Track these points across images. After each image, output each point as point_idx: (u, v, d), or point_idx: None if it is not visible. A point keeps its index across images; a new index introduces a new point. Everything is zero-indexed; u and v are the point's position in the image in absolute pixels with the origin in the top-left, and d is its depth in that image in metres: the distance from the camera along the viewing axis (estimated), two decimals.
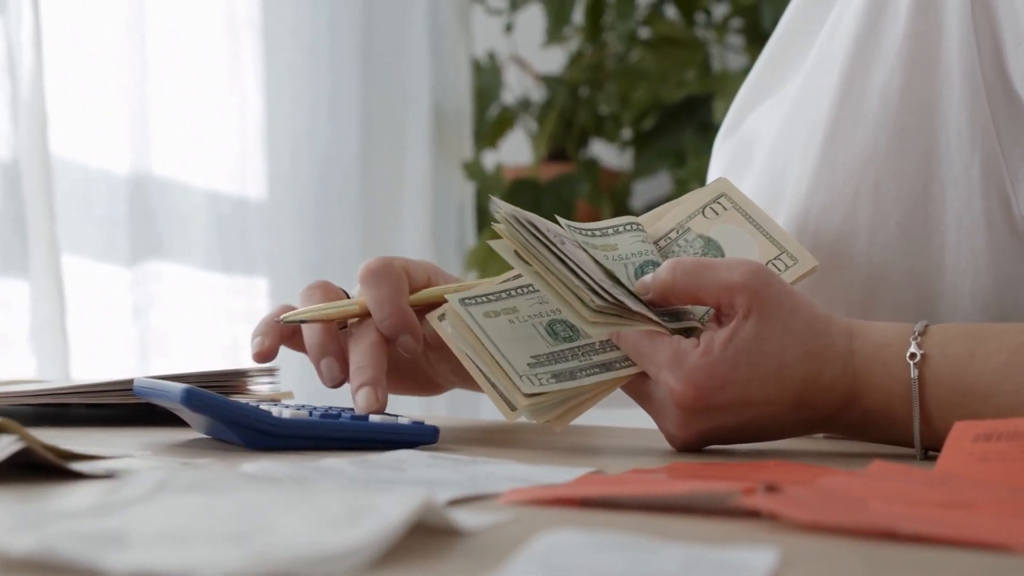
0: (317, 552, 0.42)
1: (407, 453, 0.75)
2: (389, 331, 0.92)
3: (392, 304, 0.92)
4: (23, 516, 0.45)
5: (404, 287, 0.94)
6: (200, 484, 0.50)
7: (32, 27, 1.50)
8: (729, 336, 0.82)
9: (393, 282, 0.94)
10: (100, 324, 1.70)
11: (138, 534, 0.44)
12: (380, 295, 0.93)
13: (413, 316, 0.93)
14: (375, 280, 0.94)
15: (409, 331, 0.92)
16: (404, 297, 0.93)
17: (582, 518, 0.56)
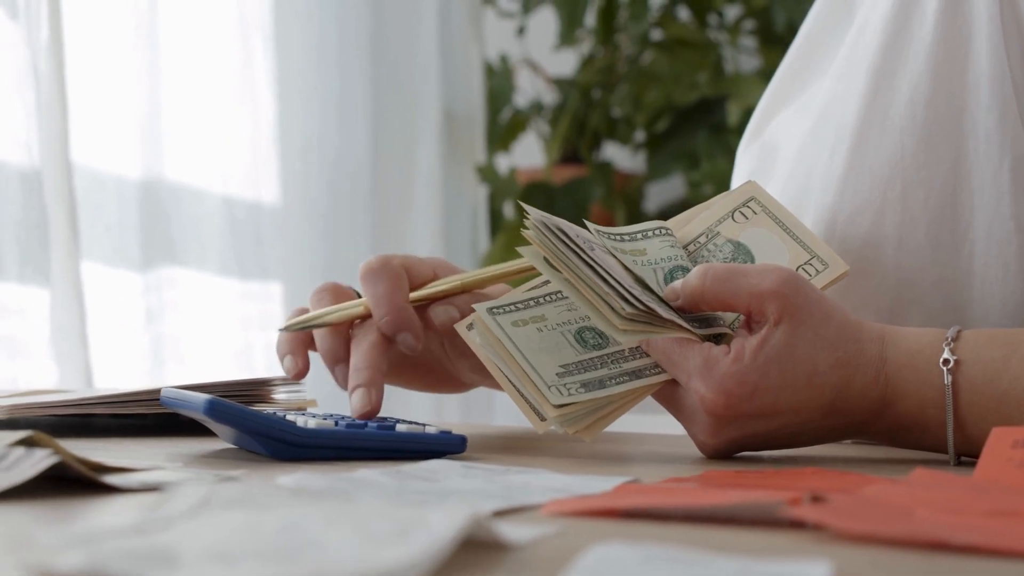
0: (369, 569, 0.41)
1: (439, 463, 0.74)
2: (387, 329, 0.92)
3: (389, 302, 0.93)
4: (68, 533, 0.44)
5: (403, 284, 0.94)
6: (244, 499, 0.49)
7: (49, 33, 1.50)
8: (760, 343, 0.81)
9: (391, 280, 0.94)
10: (115, 330, 1.69)
11: (186, 552, 0.43)
12: (377, 293, 0.93)
13: (411, 313, 0.93)
14: (373, 278, 0.94)
15: (408, 328, 0.92)
16: (402, 294, 0.93)
17: (627, 530, 0.56)
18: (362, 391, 0.90)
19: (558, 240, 0.83)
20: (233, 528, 0.46)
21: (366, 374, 0.90)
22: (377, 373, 0.91)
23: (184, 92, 1.83)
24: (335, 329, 0.94)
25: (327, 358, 0.94)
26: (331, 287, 0.97)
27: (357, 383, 0.90)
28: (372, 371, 0.91)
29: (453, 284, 0.95)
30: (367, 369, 0.91)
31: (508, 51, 2.54)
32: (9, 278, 1.45)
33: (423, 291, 0.95)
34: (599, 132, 2.50)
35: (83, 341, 1.54)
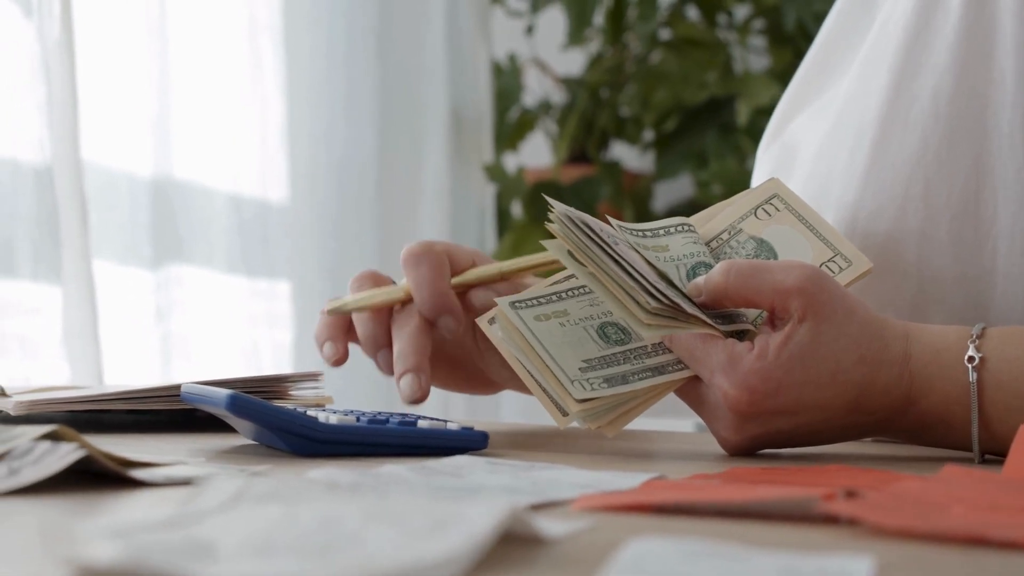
0: (409, 563, 0.41)
1: (464, 459, 0.73)
2: (429, 312, 0.92)
3: (431, 286, 0.92)
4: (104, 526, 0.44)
5: (445, 269, 0.94)
6: (276, 494, 0.49)
7: (61, 30, 1.50)
8: (784, 340, 0.81)
9: (433, 264, 0.93)
10: (125, 328, 1.69)
11: (224, 545, 0.43)
12: (420, 277, 0.93)
13: (453, 297, 0.93)
14: (415, 262, 0.94)
15: (449, 312, 0.92)
16: (444, 279, 0.93)
17: (660, 525, 0.55)
18: (411, 376, 0.89)
19: (583, 234, 0.83)
20: (268, 522, 0.45)
21: (413, 359, 0.90)
22: (424, 358, 0.90)
23: (193, 91, 1.82)
24: (376, 315, 0.94)
25: (368, 344, 0.94)
26: (370, 274, 0.96)
27: (405, 368, 0.90)
28: (419, 356, 0.90)
29: (492, 272, 0.95)
30: (414, 354, 0.90)
31: (516, 50, 2.54)
32: (22, 276, 1.45)
33: (463, 277, 0.95)
34: (607, 131, 2.49)
35: (94, 339, 1.53)
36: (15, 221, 1.44)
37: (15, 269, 1.44)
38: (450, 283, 0.93)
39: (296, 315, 2.02)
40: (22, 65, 1.46)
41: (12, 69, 1.46)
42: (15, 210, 1.44)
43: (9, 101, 1.45)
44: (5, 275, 1.43)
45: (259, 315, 1.95)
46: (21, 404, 0.91)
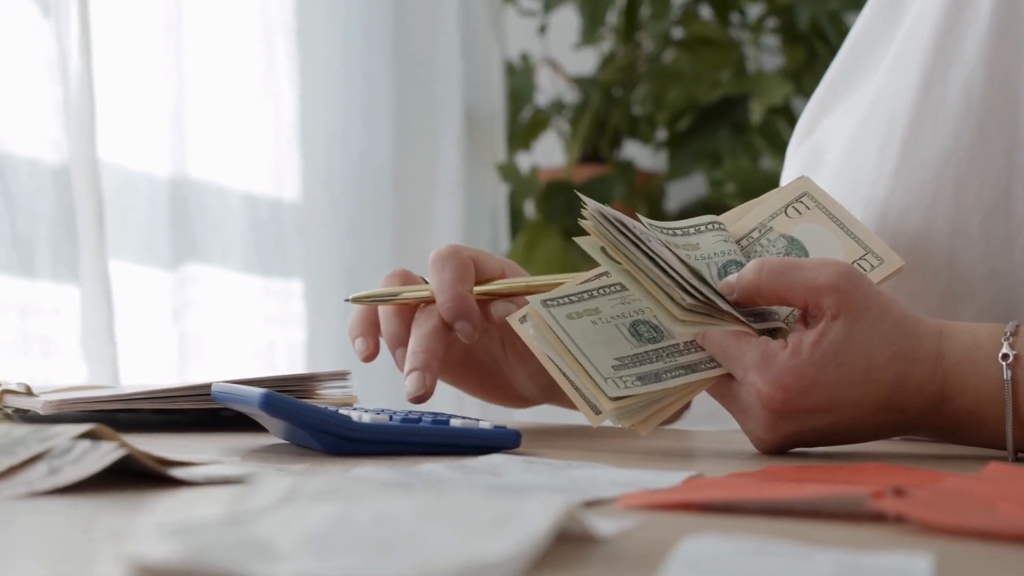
0: (471, 561, 0.41)
1: (501, 457, 0.73)
2: (447, 315, 0.92)
3: (452, 289, 0.93)
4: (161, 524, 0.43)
5: (469, 274, 0.94)
6: (329, 492, 0.49)
7: (79, 30, 1.49)
8: (817, 338, 0.81)
9: (458, 268, 0.94)
10: (141, 327, 1.68)
11: (282, 543, 0.43)
12: (443, 280, 0.93)
13: (472, 302, 0.93)
14: (440, 265, 0.94)
15: (466, 317, 0.92)
16: (466, 284, 0.93)
17: (708, 523, 0.55)
18: (416, 375, 0.90)
19: (617, 231, 0.82)
20: (325, 520, 0.45)
21: (422, 358, 0.90)
22: (433, 358, 0.90)
23: (208, 90, 1.82)
24: (399, 313, 0.94)
25: (390, 341, 0.94)
26: (401, 272, 0.97)
27: (412, 366, 0.90)
28: (428, 355, 0.90)
29: (518, 285, 0.94)
30: (423, 353, 0.90)
31: (528, 50, 2.53)
32: (42, 276, 1.44)
33: (488, 286, 0.94)
34: (620, 131, 2.49)
35: (111, 339, 1.53)
36: (34, 221, 1.44)
37: (34, 269, 1.44)
38: (472, 289, 0.93)
39: (310, 315, 2.02)
40: (40, 64, 1.46)
41: (30, 68, 1.45)
42: (33, 210, 1.44)
43: (28, 100, 1.45)
44: (25, 275, 1.43)
45: (273, 315, 1.95)
46: (50, 403, 0.91)
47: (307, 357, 1.98)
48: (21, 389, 0.97)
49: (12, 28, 1.44)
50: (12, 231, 1.41)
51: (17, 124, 1.43)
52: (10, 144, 1.43)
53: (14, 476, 0.61)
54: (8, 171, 1.42)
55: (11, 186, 1.41)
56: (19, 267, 1.42)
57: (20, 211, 1.43)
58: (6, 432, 0.65)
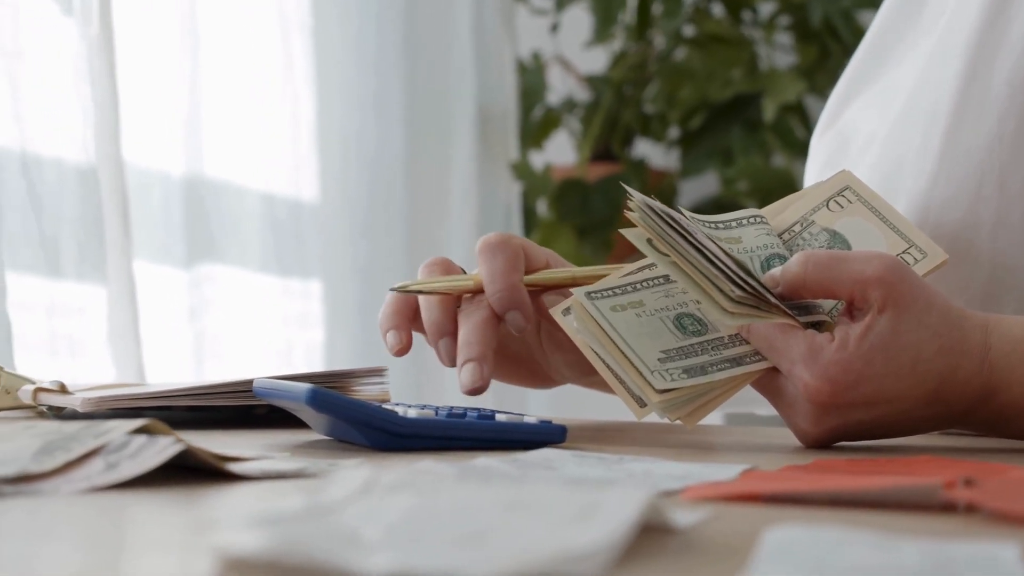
0: (561, 552, 0.40)
1: (552, 452, 0.73)
2: (498, 305, 0.91)
3: (504, 279, 0.91)
4: (248, 517, 0.43)
5: (520, 264, 0.93)
6: (406, 484, 0.48)
7: (100, 28, 1.49)
8: (864, 331, 0.80)
9: (509, 257, 0.92)
10: (159, 327, 1.68)
11: (369, 535, 0.42)
12: (494, 268, 0.92)
13: (524, 293, 0.92)
14: (491, 253, 0.92)
15: (518, 308, 0.91)
16: (518, 273, 0.92)
17: (778, 514, 0.54)
18: (473, 365, 0.88)
19: (664, 222, 0.82)
20: (407, 511, 0.45)
21: (477, 348, 0.89)
22: (488, 349, 0.89)
23: (225, 89, 1.81)
24: (443, 302, 0.93)
25: (432, 331, 0.92)
26: (441, 261, 0.95)
27: (468, 357, 0.89)
28: (483, 346, 0.89)
29: (564, 276, 0.93)
30: (478, 344, 0.89)
31: (538, 48, 2.53)
32: (68, 276, 1.44)
33: (535, 276, 0.93)
34: (631, 129, 2.48)
35: (135, 338, 1.53)
36: (60, 221, 1.43)
37: (61, 269, 1.43)
38: (523, 278, 0.92)
39: (327, 314, 2.01)
40: (66, 63, 1.46)
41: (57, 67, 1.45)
42: (60, 210, 1.43)
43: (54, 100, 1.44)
44: (52, 275, 1.42)
45: (291, 315, 1.95)
46: (89, 401, 0.90)
47: (325, 357, 1.97)
48: (55, 387, 0.96)
49: (36, 26, 1.44)
50: (39, 231, 1.41)
51: (43, 124, 1.43)
52: (36, 144, 1.42)
53: (71, 471, 0.60)
54: (35, 171, 1.41)
55: (38, 186, 1.41)
56: (46, 267, 1.41)
57: (47, 211, 1.42)
58: (58, 428, 0.65)
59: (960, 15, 0.98)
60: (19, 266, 1.39)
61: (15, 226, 1.39)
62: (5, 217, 1.36)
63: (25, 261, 1.41)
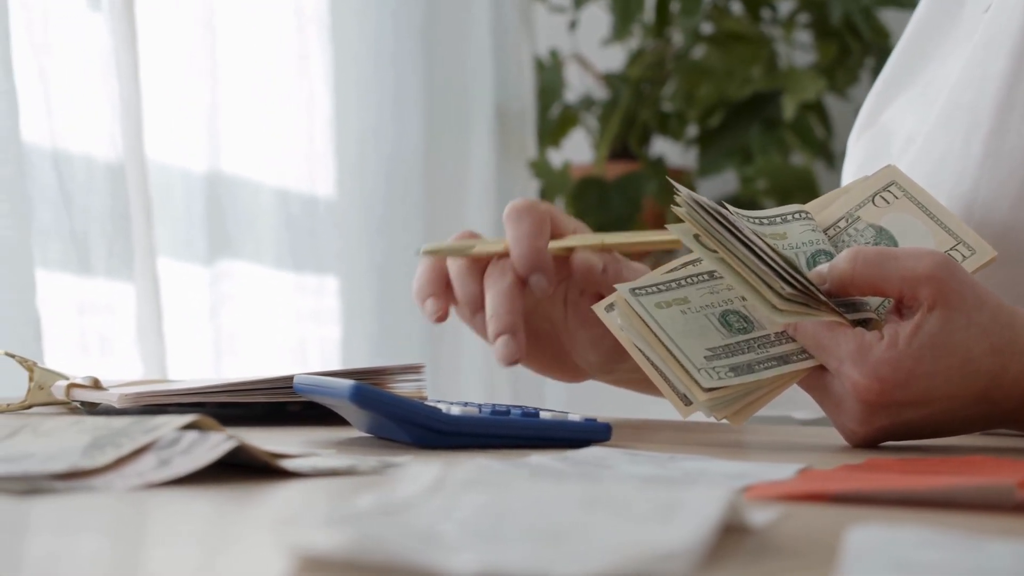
0: (651, 552, 0.39)
1: (603, 450, 0.72)
2: (522, 267, 0.91)
3: (529, 241, 0.91)
4: (325, 514, 0.42)
5: (545, 228, 0.93)
6: (477, 481, 0.47)
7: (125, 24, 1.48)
8: (914, 329, 0.79)
9: (535, 221, 0.92)
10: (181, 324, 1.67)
11: (447, 532, 0.41)
12: (519, 231, 0.92)
13: (548, 257, 0.92)
14: (517, 217, 0.93)
15: (542, 270, 0.91)
16: (544, 237, 0.92)
17: (848, 514, 0.53)
18: (507, 338, 0.88)
19: (711, 218, 0.81)
20: (482, 509, 0.44)
21: (508, 319, 0.88)
22: (518, 317, 0.89)
23: (243, 85, 1.80)
24: (474, 272, 0.93)
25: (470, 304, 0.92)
26: (471, 233, 0.95)
27: (500, 328, 0.88)
28: (513, 315, 0.88)
29: (593, 242, 0.93)
30: (508, 314, 0.88)
31: (555, 46, 2.52)
32: (97, 273, 1.43)
33: (563, 242, 0.93)
34: (649, 127, 2.47)
35: (159, 336, 1.52)
36: (89, 218, 1.43)
37: (90, 266, 1.42)
38: (548, 243, 0.92)
39: (344, 311, 2.00)
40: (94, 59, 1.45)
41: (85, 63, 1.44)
42: (89, 207, 1.42)
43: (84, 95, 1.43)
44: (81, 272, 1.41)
45: (306, 311, 1.94)
46: (126, 397, 0.89)
47: (342, 354, 1.96)
48: (88, 383, 0.95)
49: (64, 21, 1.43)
50: (70, 227, 1.40)
51: (73, 119, 1.42)
52: (66, 140, 1.41)
53: (123, 467, 0.59)
54: (64, 167, 1.40)
55: (67, 183, 1.40)
56: (76, 264, 1.41)
57: (76, 208, 1.41)
58: (106, 423, 0.64)
59: (1003, 13, 0.96)
60: (49, 263, 1.38)
61: (46, 222, 1.38)
62: (36, 213, 1.36)
63: (55, 257, 1.40)
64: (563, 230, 0.94)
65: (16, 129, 1.33)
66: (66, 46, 1.42)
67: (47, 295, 1.35)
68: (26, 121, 1.35)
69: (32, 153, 1.36)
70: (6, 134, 1.32)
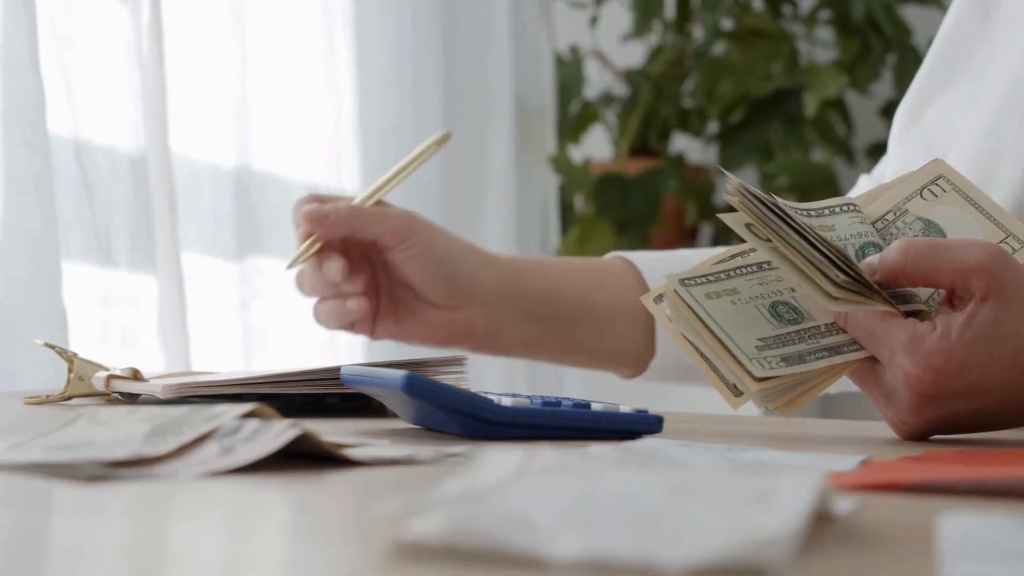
0: (752, 537, 0.39)
1: (660, 441, 0.71)
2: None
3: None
4: (415, 501, 0.41)
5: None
6: (560, 467, 0.46)
7: (150, 16, 1.47)
8: (967, 320, 0.78)
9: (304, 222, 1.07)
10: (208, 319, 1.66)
11: (539, 517, 0.40)
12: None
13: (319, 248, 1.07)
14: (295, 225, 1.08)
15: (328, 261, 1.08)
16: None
17: (925, 503, 0.53)
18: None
19: (765, 207, 0.80)
20: (574, 495, 0.43)
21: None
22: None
23: (270, 80, 1.80)
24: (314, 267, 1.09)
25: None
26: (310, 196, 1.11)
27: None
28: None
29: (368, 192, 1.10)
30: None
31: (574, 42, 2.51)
32: (120, 265, 1.42)
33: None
34: (669, 123, 2.46)
35: (183, 330, 1.51)
36: (112, 210, 1.42)
37: (113, 258, 1.42)
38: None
39: None
40: (119, 51, 1.44)
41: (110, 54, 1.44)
42: (111, 198, 1.42)
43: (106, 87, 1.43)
44: (104, 264, 1.41)
45: None
46: (170, 388, 0.89)
47: (368, 350, 1.95)
48: (127, 374, 0.95)
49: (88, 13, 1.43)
50: (92, 219, 1.39)
51: (97, 111, 1.42)
52: (89, 131, 1.41)
53: (186, 455, 0.59)
54: (88, 159, 1.40)
55: (90, 174, 1.39)
56: (99, 256, 1.40)
57: (99, 199, 1.41)
58: (163, 412, 0.63)
59: None
60: (72, 254, 1.38)
61: (68, 214, 1.38)
62: (59, 205, 1.35)
63: (78, 249, 1.40)
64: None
65: (43, 122, 1.32)
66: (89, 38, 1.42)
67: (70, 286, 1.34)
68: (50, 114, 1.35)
69: (55, 145, 1.36)
70: (34, 128, 1.31)
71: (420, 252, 1.05)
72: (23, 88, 1.30)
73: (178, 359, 1.49)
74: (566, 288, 1.13)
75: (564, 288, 1.13)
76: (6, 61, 1.29)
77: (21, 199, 1.29)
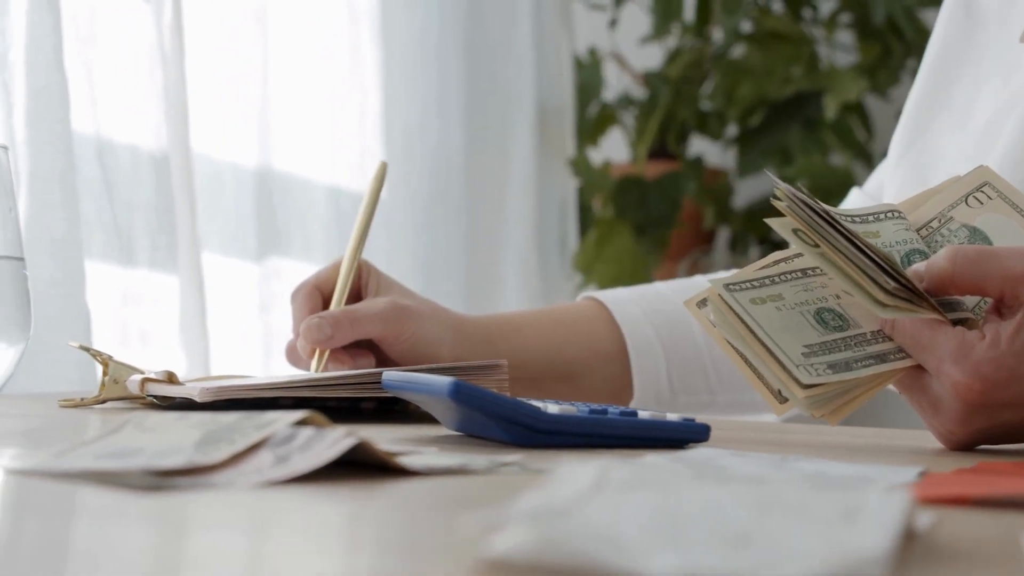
0: (848, 556, 0.38)
1: (712, 451, 0.70)
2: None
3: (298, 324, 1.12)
4: (494, 515, 0.40)
5: (310, 303, 1.14)
6: (640, 481, 0.45)
7: (172, 15, 1.47)
8: (1016, 329, 0.77)
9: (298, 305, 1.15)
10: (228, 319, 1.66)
11: (624, 534, 0.40)
12: (294, 318, 1.15)
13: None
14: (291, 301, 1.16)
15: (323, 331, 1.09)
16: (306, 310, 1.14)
17: (996, 518, 0.52)
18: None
19: (813, 212, 0.79)
20: (656, 511, 0.42)
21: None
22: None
23: (294, 80, 1.79)
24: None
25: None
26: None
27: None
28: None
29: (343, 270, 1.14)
30: None
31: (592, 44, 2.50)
32: (140, 264, 1.42)
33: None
34: (687, 126, 2.45)
35: (203, 330, 1.50)
36: (133, 209, 1.41)
37: (134, 257, 1.41)
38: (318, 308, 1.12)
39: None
40: (141, 49, 1.43)
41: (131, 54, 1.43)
42: (133, 198, 1.41)
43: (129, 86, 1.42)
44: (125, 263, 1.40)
45: None
46: (207, 391, 0.88)
47: None
48: (162, 377, 0.94)
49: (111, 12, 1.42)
50: (113, 218, 1.38)
51: (119, 109, 1.41)
52: (111, 130, 1.40)
53: (240, 463, 0.58)
54: (109, 158, 1.39)
55: (112, 173, 1.38)
56: (119, 255, 1.39)
57: (120, 198, 1.40)
58: (213, 419, 0.62)
59: None
60: (93, 253, 1.37)
61: (90, 213, 1.37)
62: (81, 204, 1.34)
63: (99, 248, 1.39)
64: (328, 282, 1.13)
65: (67, 122, 1.32)
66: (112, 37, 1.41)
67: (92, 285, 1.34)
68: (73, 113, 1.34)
69: (78, 143, 1.35)
70: (58, 127, 1.31)
71: (410, 346, 1.09)
72: (47, 87, 1.29)
73: (198, 360, 1.49)
74: (536, 345, 1.18)
75: (534, 346, 1.18)
76: (31, 60, 1.29)
77: (46, 198, 1.29)
